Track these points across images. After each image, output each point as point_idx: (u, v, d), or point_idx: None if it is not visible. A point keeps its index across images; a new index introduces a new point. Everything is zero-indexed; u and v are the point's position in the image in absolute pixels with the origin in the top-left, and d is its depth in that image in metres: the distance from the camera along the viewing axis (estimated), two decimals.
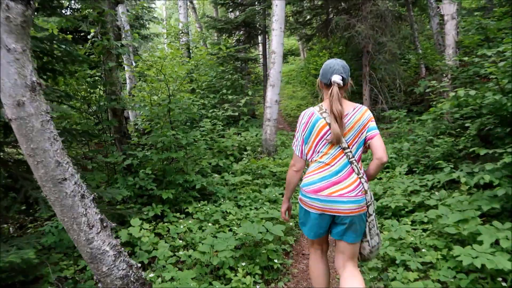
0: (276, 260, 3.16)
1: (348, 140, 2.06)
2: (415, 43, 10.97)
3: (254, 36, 11.09)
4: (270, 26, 7.01)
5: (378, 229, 2.18)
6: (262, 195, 4.78)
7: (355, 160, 2.07)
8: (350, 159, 2.06)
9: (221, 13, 11.89)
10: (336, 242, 2.24)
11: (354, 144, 2.07)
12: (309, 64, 18.66)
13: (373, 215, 2.12)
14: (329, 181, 2.06)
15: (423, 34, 13.80)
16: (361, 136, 2.07)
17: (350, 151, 2.06)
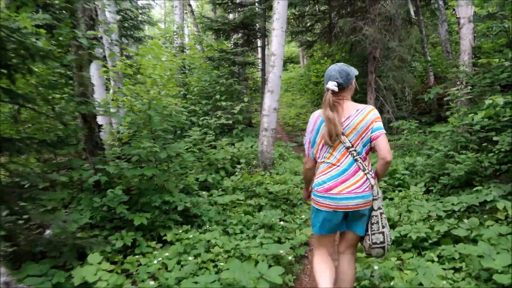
0: None
1: (351, 140, 2.14)
2: (424, 50, 10.33)
3: (252, 39, 10.42)
4: (271, 26, 6.34)
5: (385, 228, 2.19)
6: (255, 219, 4.04)
7: (360, 157, 2.14)
8: (355, 157, 2.14)
9: (219, 13, 11.22)
10: (342, 233, 2.36)
11: (358, 143, 2.14)
12: (309, 71, 18.12)
13: (377, 211, 2.16)
14: (337, 179, 2.14)
15: (429, 41, 13.22)
16: (365, 136, 2.13)
17: (355, 150, 2.14)
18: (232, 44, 10.32)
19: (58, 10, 5.00)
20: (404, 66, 8.46)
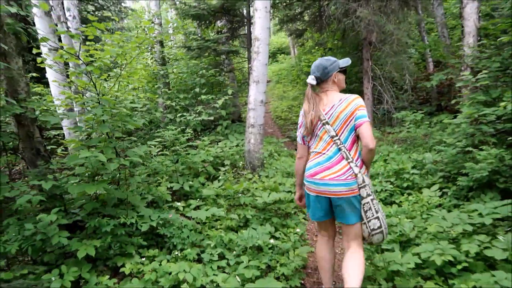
0: None
1: (335, 129, 2.23)
2: (422, 34, 9.59)
3: (237, 27, 9.53)
4: (253, 7, 5.51)
5: (379, 213, 2.23)
6: (239, 239, 3.26)
7: (345, 146, 2.21)
8: (339, 146, 2.22)
9: None
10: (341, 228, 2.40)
11: (342, 132, 2.22)
12: (300, 62, 17.32)
13: (367, 198, 2.20)
14: (322, 166, 2.26)
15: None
16: (348, 124, 2.20)
17: (339, 139, 2.22)
18: (215, 32, 9.42)
19: None
20: (403, 51, 7.70)
